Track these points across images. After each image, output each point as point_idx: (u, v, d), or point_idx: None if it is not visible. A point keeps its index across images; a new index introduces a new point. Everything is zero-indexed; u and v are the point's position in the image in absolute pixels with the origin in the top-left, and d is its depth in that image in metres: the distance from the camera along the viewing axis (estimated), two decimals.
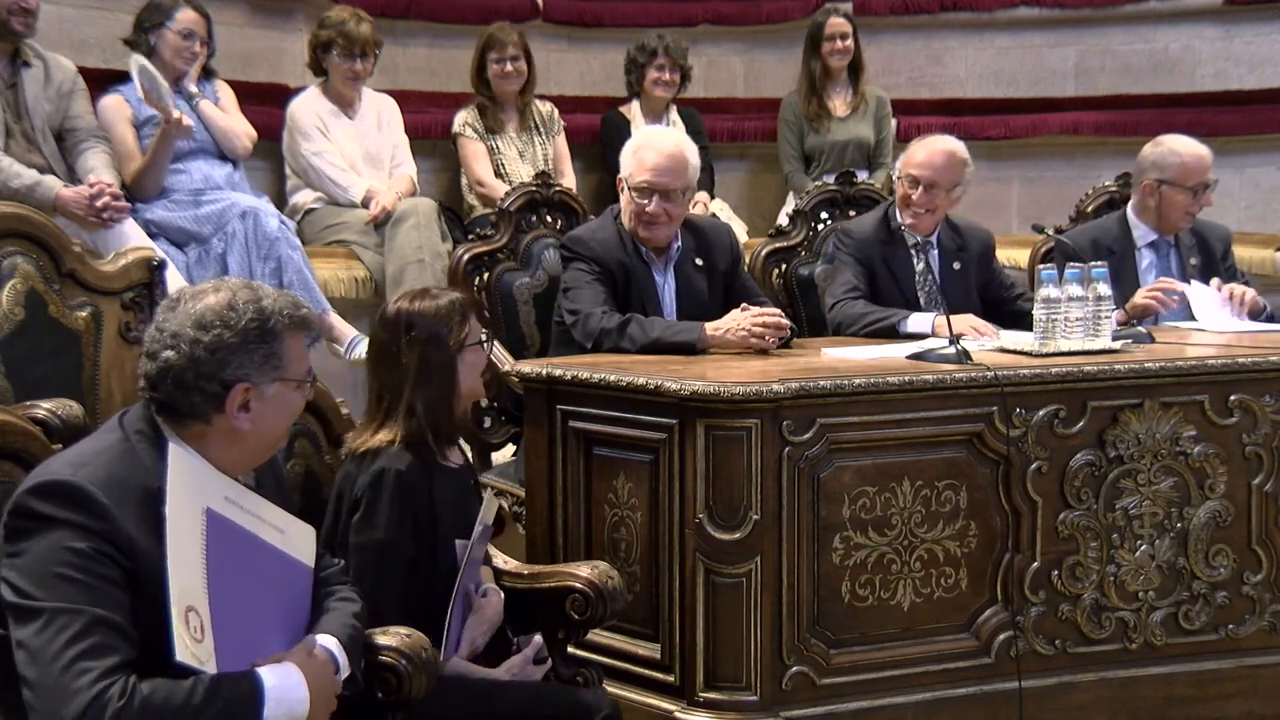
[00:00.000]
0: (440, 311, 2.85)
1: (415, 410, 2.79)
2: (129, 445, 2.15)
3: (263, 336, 2.20)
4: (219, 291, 2.21)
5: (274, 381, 2.21)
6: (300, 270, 4.84)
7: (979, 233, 4.54)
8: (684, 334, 3.75)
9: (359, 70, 5.46)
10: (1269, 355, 3.67)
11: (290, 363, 2.24)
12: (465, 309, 2.88)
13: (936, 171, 4.25)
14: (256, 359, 2.19)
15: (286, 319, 2.23)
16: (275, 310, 2.22)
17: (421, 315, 2.84)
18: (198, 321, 2.17)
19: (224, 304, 2.19)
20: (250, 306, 2.20)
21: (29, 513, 2.04)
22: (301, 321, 2.26)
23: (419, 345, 2.81)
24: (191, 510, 2.11)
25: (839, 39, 6.21)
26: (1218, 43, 6.87)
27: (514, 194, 4.56)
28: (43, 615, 1.98)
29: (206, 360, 2.16)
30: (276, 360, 2.21)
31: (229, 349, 2.17)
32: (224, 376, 2.17)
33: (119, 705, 1.94)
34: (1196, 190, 4.54)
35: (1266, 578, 3.68)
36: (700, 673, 3.26)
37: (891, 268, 4.32)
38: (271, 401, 2.22)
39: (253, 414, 2.20)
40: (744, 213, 6.43)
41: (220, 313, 2.18)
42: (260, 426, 2.22)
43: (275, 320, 2.21)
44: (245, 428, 2.20)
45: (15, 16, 4.56)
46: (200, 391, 2.17)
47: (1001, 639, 3.47)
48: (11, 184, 4.46)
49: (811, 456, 3.27)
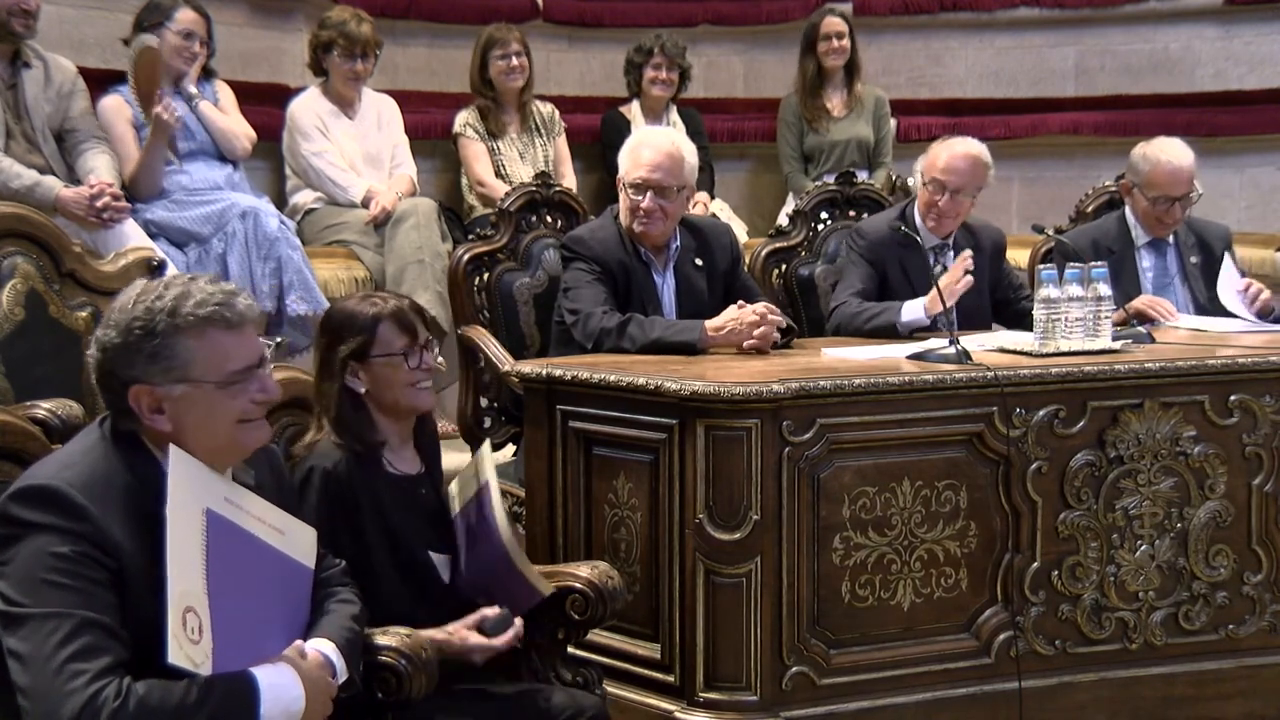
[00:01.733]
0: (352, 319, 2.80)
1: (323, 407, 2.79)
2: (108, 446, 2.14)
3: (146, 337, 2.10)
4: (134, 289, 2.15)
5: (179, 382, 2.11)
6: (300, 270, 4.85)
7: (991, 232, 4.54)
8: (684, 333, 3.75)
9: (360, 70, 5.46)
10: (1269, 355, 3.67)
11: (194, 362, 2.11)
12: (377, 319, 2.79)
13: (962, 177, 4.25)
14: (142, 359, 2.11)
15: (187, 318, 2.10)
16: (170, 309, 2.10)
17: (333, 319, 2.83)
18: (104, 320, 2.14)
19: (122, 303, 2.13)
20: (140, 305, 2.11)
21: (11, 519, 2.03)
22: (213, 317, 2.12)
23: (321, 345, 2.82)
24: (192, 510, 2.09)
25: (835, 38, 6.21)
26: (1217, 43, 6.87)
27: (514, 194, 4.55)
28: (31, 621, 1.97)
29: (104, 361, 2.12)
30: (168, 361, 2.10)
31: (116, 349, 2.11)
32: (120, 376, 2.11)
33: (114, 706, 1.94)
34: (1157, 201, 4.51)
35: (1266, 578, 3.68)
36: (700, 673, 3.26)
37: (906, 270, 4.31)
38: (187, 402, 2.12)
39: (170, 415, 2.12)
40: (744, 213, 6.43)
41: (113, 312, 2.13)
42: (188, 427, 2.13)
43: (161, 320, 2.10)
44: (167, 429, 2.12)
45: (15, 17, 4.56)
46: (109, 391, 2.13)
47: (1001, 639, 3.47)
48: (12, 184, 4.47)
49: (811, 456, 3.27)
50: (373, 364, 2.79)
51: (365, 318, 2.80)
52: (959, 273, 4.05)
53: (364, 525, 2.73)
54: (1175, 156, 4.52)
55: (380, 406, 2.81)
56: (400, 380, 2.81)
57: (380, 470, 2.80)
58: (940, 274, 4.27)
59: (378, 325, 2.80)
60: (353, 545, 2.70)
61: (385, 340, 2.80)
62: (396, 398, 2.82)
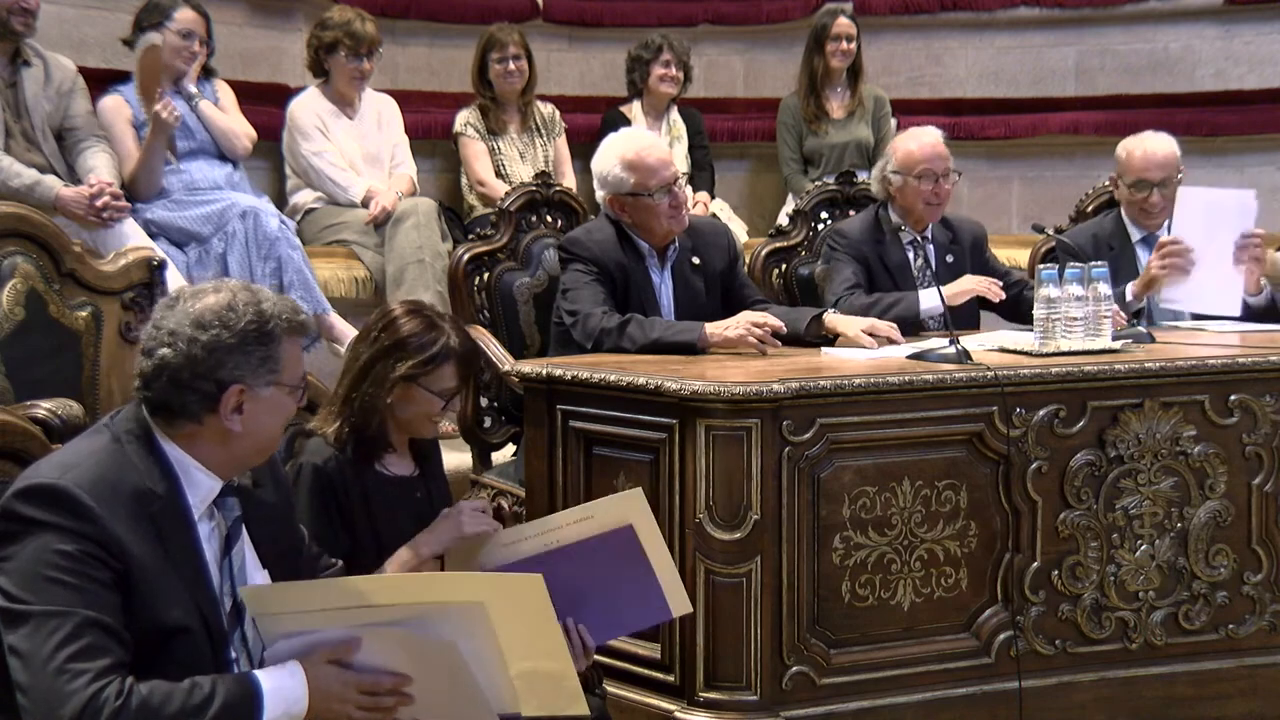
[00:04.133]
0: (423, 340, 2.78)
1: (350, 404, 2.79)
2: (118, 446, 2.14)
3: (261, 339, 2.18)
4: (219, 292, 2.20)
5: (269, 385, 2.19)
6: (300, 270, 4.85)
7: (969, 225, 4.58)
8: (684, 334, 3.75)
9: (366, 69, 5.46)
10: (1269, 355, 3.67)
11: (286, 367, 2.21)
12: (447, 357, 2.79)
13: (945, 160, 4.32)
14: (253, 361, 2.17)
15: (285, 323, 2.21)
16: (274, 314, 2.20)
17: (403, 327, 2.80)
18: (196, 320, 2.16)
19: (224, 304, 2.17)
20: (250, 309, 2.18)
21: (15, 516, 2.03)
22: (299, 326, 2.24)
23: (378, 347, 2.80)
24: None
25: (844, 40, 6.21)
26: (1218, 42, 6.86)
27: (514, 194, 4.56)
28: (33, 619, 1.98)
29: (203, 360, 2.15)
30: (273, 364, 2.19)
31: (226, 349, 2.15)
32: (220, 376, 2.15)
33: (115, 705, 1.94)
34: (1134, 186, 4.52)
35: (1266, 578, 3.68)
36: (700, 673, 3.26)
37: (887, 265, 4.34)
38: (265, 404, 2.19)
39: (245, 416, 2.18)
40: (744, 213, 6.44)
41: (219, 313, 2.16)
42: (251, 429, 2.19)
43: (274, 324, 2.19)
44: (237, 429, 2.18)
45: (15, 16, 4.56)
46: (195, 391, 2.15)
47: (1001, 639, 3.47)
48: (11, 184, 4.47)
49: (811, 456, 3.27)
50: (416, 388, 2.78)
51: (438, 349, 2.78)
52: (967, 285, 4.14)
53: (353, 522, 2.73)
54: (1149, 143, 4.55)
55: (392, 417, 2.82)
56: (429, 413, 2.82)
57: (371, 470, 2.80)
58: (921, 266, 4.29)
59: (446, 362, 2.79)
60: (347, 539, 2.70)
61: (443, 377, 2.80)
62: (412, 422, 2.83)
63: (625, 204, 3.98)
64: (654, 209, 3.95)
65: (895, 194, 4.37)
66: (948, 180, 4.34)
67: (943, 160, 4.33)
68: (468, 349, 2.84)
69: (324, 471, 2.73)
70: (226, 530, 2.23)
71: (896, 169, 4.34)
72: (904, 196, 4.35)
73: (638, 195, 3.95)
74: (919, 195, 4.32)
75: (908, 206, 4.36)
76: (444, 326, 2.83)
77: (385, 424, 2.81)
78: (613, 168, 3.98)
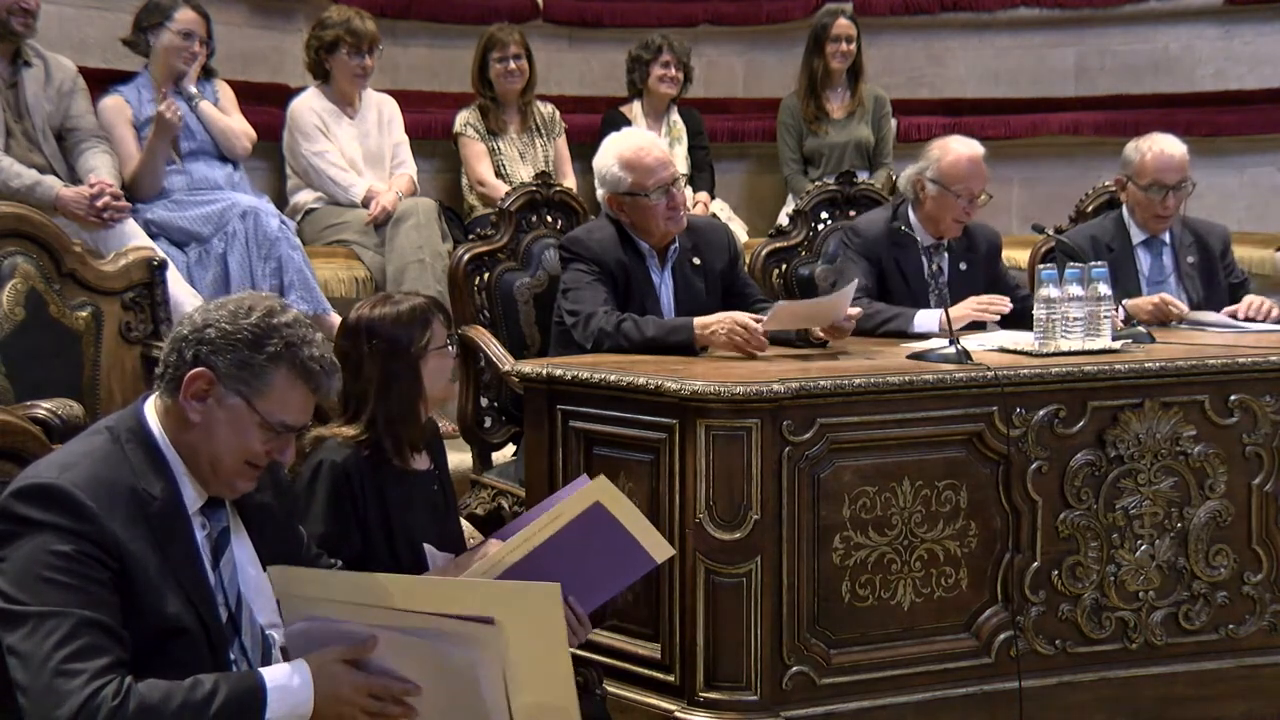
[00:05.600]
0: (401, 318, 2.82)
1: (377, 420, 2.80)
2: (117, 447, 2.14)
3: (251, 345, 2.14)
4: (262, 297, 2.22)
5: (238, 395, 2.14)
6: (301, 270, 4.85)
7: (987, 232, 4.54)
8: (678, 333, 3.74)
9: (367, 66, 5.46)
10: (1269, 355, 3.67)
11: (267, 392, 2.15)
12: (427, 313, 2.85)
13: (985, 180, 4.30)
14: (233, 360, 2.14)
15: (287, 350, 2.15)
16: (282, 335, 2.15)
17: (382, 322, 2.82)
18: (220, 305, 2.19)
19: (245, 304, 2.18)
20: (260, 316, 2.16)
21: (12, 516, 2.03)
22: (303, 368, 2.16)
23: (380, 355, 2.81)
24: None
25: (845, 41, 6.20)
26: (1218, 43, 6.87)
27: (514, 194, 4.56)
28: (30, 620, 1.97)
29: (195, 331, 2.16)
30: (252, 377, 2.14)
31: (218, 335, 2.14)
32: (198, 353, 2.14)
33: (113, 705, 1.93)
34: (1150, 189, 4.50)
35: (1266, 578, 3.68)
36: (700, 673, 3.26)
37: (902, 268, 4.32)
38: (226, 412, 2.14)
39: (203, 409, 2.14)
40: (744, 213, 6.43)
41: (236, 307, 2.18)
42: (205, 430, 2.14)
43: (274, 341, 2.15)
44: (193, 419, 2.14)
45: (15, 16, 4.56)
46: (176, 355, 2.16)
47: (1001, 639, 3.47)
48: (12, 184, 4.47)
49: (811, 456, 3.27)
50: (430, 357, 2.83)
51: (418, 314, 2.83)
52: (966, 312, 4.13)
53: (369, 519, 2.73)
54: (1165, 144, 4.54)
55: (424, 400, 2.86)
56: (446, 370, 2.89)
57: (389, 467, 2.81)
58: (935, 273, 4.28)
59: (434, 320, 2.85)
60: (359, 539, 2.71)
61: (440, 333, 2.87)
62: (439, 389, 2.89)
63: (623, 203, 3.98)
64: (651, 209, 3.95)
65: (925, 200, 4.30)
66: (980, 199, 4.31)
67: (982, 180, 4.29)
68: (430, 299, 2.94)
69: (342, 468, 2.74)
70: (214, 541, 2.21)
71: (936, 177, 4.27)
72: (935, 206, 4.29)
73: (635, 195, 3.95)
74: (951, 210, 4.28)
75: (936, 216, 4.31)
76: (399, 298, 2.89)
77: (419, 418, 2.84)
78: (611, 166, 3.98)
